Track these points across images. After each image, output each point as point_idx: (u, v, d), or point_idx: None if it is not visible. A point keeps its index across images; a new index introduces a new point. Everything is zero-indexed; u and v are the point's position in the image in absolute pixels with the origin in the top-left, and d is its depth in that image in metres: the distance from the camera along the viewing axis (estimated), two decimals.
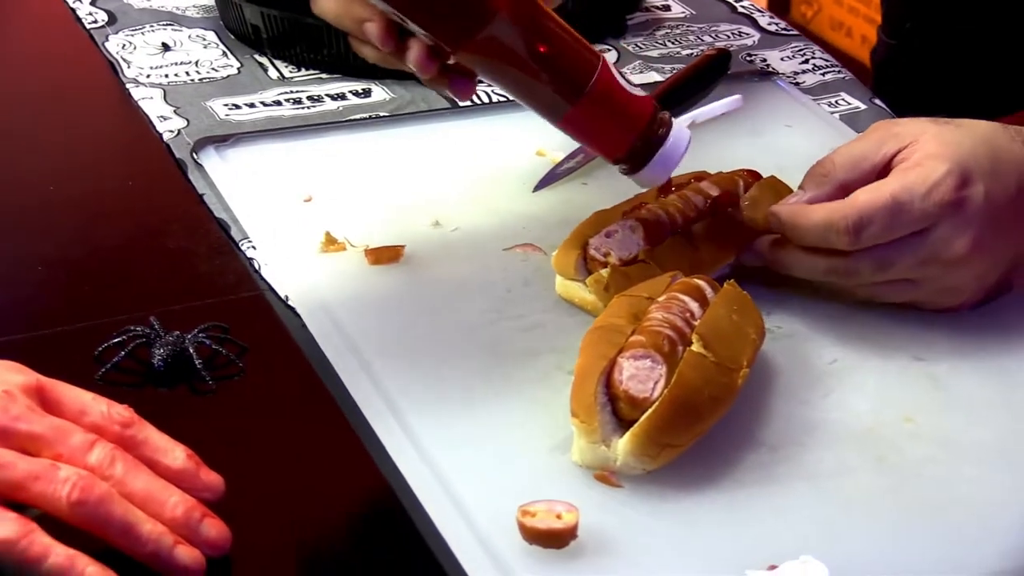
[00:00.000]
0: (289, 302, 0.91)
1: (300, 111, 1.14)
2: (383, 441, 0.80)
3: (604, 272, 0.90)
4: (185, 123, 1.11)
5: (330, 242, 0.96)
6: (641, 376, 0.78)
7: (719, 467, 0.80)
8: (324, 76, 1.20)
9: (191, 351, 0.84)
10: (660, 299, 0.85)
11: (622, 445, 0.77)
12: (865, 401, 0.86)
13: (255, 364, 0.86)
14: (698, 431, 0.80)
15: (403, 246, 0.96)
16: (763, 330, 0.87)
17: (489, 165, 1.09)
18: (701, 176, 0.98)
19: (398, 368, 0.86)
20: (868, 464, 0.81)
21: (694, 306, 0.84)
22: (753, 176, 0.99)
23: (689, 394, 0.78)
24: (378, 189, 1.05)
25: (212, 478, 0.73)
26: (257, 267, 0.95)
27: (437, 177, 1.07)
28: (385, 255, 0.95)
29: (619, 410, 0.79)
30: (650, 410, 0.77)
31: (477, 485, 0.77)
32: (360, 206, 1.02)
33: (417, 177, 1.07)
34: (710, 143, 1.13)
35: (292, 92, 1.17)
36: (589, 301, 0.91)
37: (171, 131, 1.10)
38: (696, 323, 0.83)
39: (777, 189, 0.97)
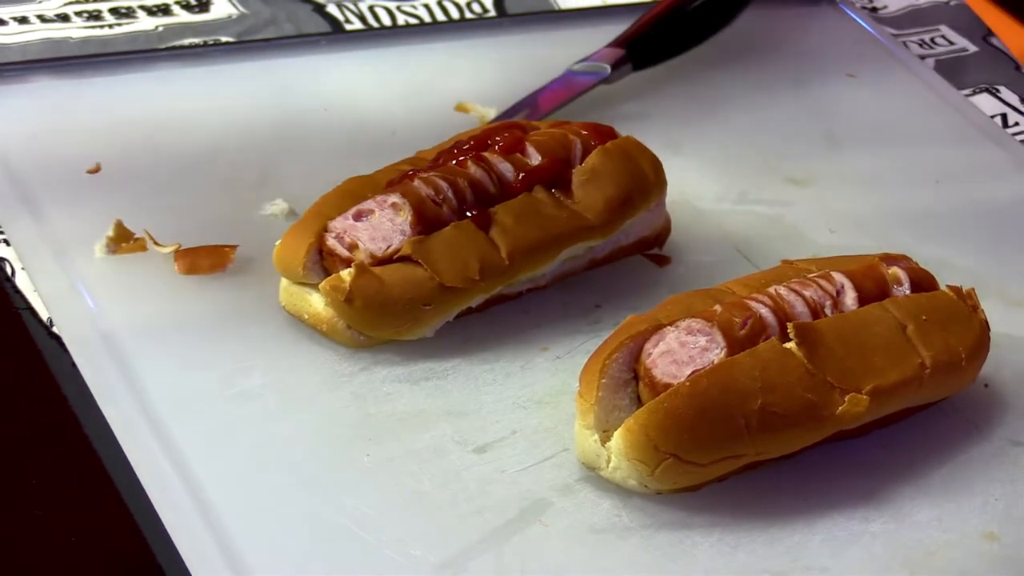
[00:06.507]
0: (54, 329, 0.94)
1: (97, 31, 1.18)
2: (186, 560, 0.81)
3: (346, 274, 0.91)
4: None
5: (122, 237, 0.99)
6: (682, 356, 0.84)
7: None
8: None
9: None
10: (812, 273, 0.89)
11: (615, 438, 0.83)
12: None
13: None
14: (726, 454, 0.83)
15: (235, 247, 0.99)
16: (958, 360, 0.88)
17: (381, 122, 1.12)
18: (521, 130, 0.96)
19: (213, 445, 0.88)
20: None
21: (851, 297, 0.88)
22: (599, 135, 0.98)
23: (723, 394, 0.82)
24: (205, 155, 1.07)
25: None
26: (10, 273, 0.98)
27: (299, 138, 1.10)
28: (205, 260, 0.98)
29: (640, 394, 0.85)
30: (660, 396, 0.82)
31: None
32: (173, 181, 1.05)
33: (268, 139, 1.10)
34: (722, 96, 1.17)
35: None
36: (323, 318, 0.92)
37: None
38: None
39: (630, 155, 0.97)
